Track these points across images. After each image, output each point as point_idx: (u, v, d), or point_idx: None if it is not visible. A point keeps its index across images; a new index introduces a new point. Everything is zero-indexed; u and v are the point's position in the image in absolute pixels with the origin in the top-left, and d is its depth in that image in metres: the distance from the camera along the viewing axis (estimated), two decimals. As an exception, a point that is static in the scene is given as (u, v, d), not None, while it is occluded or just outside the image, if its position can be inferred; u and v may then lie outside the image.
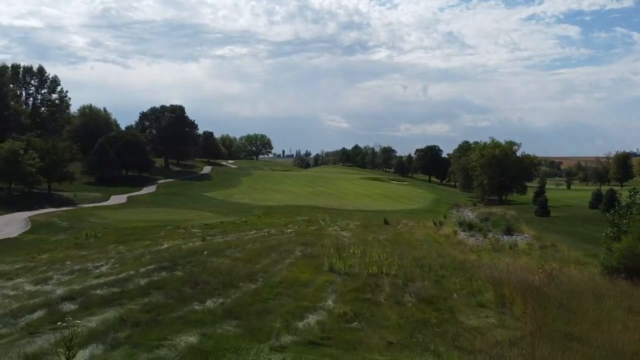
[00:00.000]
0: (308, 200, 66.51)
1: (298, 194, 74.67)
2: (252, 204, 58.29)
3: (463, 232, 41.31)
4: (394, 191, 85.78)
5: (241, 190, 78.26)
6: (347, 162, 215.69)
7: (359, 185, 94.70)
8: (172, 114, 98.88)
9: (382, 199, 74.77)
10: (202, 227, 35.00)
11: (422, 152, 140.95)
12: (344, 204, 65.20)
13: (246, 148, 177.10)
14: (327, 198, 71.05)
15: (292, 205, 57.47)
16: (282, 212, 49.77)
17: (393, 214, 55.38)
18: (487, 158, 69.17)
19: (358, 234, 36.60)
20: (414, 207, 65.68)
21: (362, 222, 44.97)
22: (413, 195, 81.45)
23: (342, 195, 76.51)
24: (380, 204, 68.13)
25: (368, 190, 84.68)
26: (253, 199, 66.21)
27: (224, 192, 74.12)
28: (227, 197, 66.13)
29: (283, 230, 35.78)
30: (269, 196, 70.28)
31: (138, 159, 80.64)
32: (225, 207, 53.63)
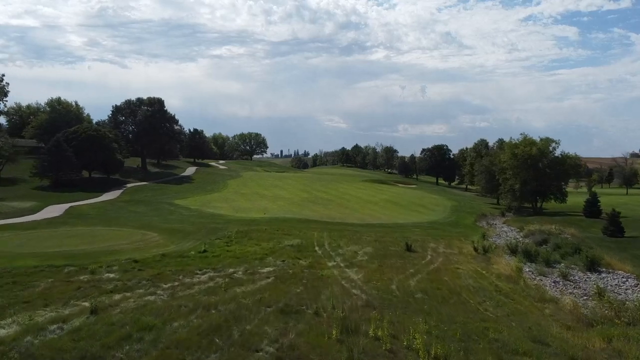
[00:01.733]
0: (302, 210, 53.15)
1: (291, 201, 61.28)
2: (229, 217, 44.85)
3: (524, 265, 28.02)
4: (404, 196, 72.44)
5: (223, 196, 64.82)
6: (347, 162, 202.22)
7: (362, 189, 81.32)
8: (149, 108, 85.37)
9: (391, 206, 61.41)
10: (124, 266, 21.63)
11: (429, 152, 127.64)
12: (347, 214, 51.86)
13: (239, 147, 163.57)
14: (325, 206, 57.68)
15: (281, 219, 44.05)
16: (265, 230, 36.39)
17: (411, 229, 42.05)
18: (522, 158, 55.80)
19: (373, 274, 23.28)
20: (432, 219, 52.35)
21: (375, 247, 31.60)
22: (426, 201, 68.11)
23: (344, 202, 63.14)
24: (391, 213, 54.79)
25: (373, 196, 71.32)
26: (234, 208, 52.80)
27: (202, 198, 60.67)
28: (202, 206, 52.72)
29: (257, 271, 22.43)
30: (255, 204, 56.87)
31: (104, 158, 67.20)
32: (192, 221, 40.22)
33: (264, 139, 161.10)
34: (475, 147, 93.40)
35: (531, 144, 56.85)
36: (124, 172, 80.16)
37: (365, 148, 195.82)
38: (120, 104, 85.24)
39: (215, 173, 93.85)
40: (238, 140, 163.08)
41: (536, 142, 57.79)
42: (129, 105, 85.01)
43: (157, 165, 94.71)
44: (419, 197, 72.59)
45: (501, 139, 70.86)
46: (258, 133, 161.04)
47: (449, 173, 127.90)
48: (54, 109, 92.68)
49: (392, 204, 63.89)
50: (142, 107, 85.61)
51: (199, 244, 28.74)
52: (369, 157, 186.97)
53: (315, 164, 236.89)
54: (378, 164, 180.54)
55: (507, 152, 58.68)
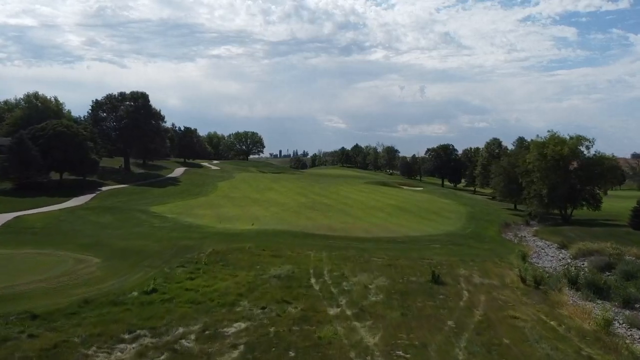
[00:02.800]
0: (298, 219, 45.19)
1: (286, 207, 53.31)
2: (209, 229, 36.84)
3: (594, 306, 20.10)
4: (411, 201, 64.43)
5: (210, 201, 56.82)
6: (347, 162, 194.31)
7: (365, 192, 73.33)
8: (132, 103, 77.28)
9: (399, 213, 53.42)
10: (11, 327, 13.68)
11: (435, 152, 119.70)
12: (350, 223, 43.90)
13: (235, 147, 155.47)
14: (325, 214, 49.69)
15: (271, 232, 36.05)
16: (249, 249, 28.44)
17: (429, 246, 34.13)
18: (552, 159, 47.83)
19: (396, 332, 15.36)
20: (449, 229, 44.41)
21: (390, 276, 23.66)
22: (438, 207, 60.11)
23: (345, 208, 55.15)
24: (400, 222, 46.81)
25: (378, 200, 63.33)
26: (219, 216, 44.83)
27: (184, 204, 52.67)
28: (181, 214, 44.75)
29: (220, 332, 14.53)
30: (245, 211, 48.90)
31: (76, 158, 59.09)
32: (160, 237, 32.24)
33: (260, 138, 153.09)
34: (487, 146, 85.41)
35: (561, 143, 48.83)
36: (103, 174, 72.16)
37: (366, 148, 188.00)
38: (101, 98, 77.21)
39: (206, 174, 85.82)
40: (234, 140, 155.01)
41: (566, 141, 49.80)
42: (110, 100, 76.93)
43: (143, 166, 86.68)
44: (429, 202, 64.58)
45: (521, 138, 63.20)
46: (254, 132, 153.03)
47: (455, 174, 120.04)
48: (31, 105, 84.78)
49: (400, 210, 55.90)
50: (125, 102, 77.51)
51: (150, 276, 20.76)
52: (369, 157, 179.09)
53: (315, 164, 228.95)
54: (379, 164, 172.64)
55: (533, 152, 50.67)
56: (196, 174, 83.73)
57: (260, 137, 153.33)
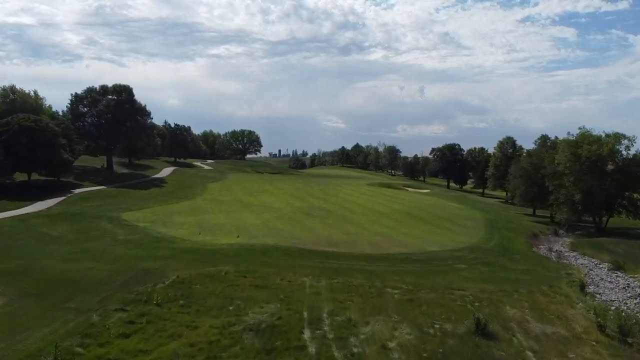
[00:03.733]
0: (293, 228, 38.32)
1: (280, 213, 46.46)
2: (182, 244, 29.97)
3: None
4: (421, 206, 57.50)
5: (195, 205, 49.95)
6: (347, 162, 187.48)
7: (368, 195, 66.41)
8: (115, 97, 70.32)
9: (409, 221, 46.55)
10: None
11: (440, 152, 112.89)
12: (354, 235, 37.02)
13: (231, 146, 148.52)
14: (324, 221, 42.80)
15: (258, 248, 29.15)
16: (225, 276, 21.59)
17: (453, 267, 27.33)
18: (587, 161, 41.00)
19: None
20: (470, 240, 37.56)
21: (414, 320, 16.85)
22: (451, 213, 53.22)
23: (348, 214, 48.28)
24: (413, 232, 39.92)
25: (384, 205, 56.43)
26: (200, 225, 37.95)
27: (164, 209, 45.81)
28: (156, 222, 37.90)
29: None
30: (231, 218, 42.03)
31: (45, 156, 52.19)
32: (117, 255, 25.41)
33: (257, 136, 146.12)
34: (500, 146, 78.39)
35: (597, 142, 41.97)
36: (82, 174, 65.36)
37: (367, 148, 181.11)
38: (82, 92, 70.23)
39: (196, 175, 78.89)
40: (230, 139, 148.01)
41: (601, 139, 42.96)
42: (90, 93, 69.93)
43: (128, 166, 79.78)
44: (440, 207, 57.66)
45: (545, 136, 56.38)
46: (251, 130, 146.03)
47: (461, 175, 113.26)
48: (7, 99, 77.90)
49: (410, 216, 49.01)
50: (107, 96, 70.54)
51: (70, 329, 13.88)
52: (370, 157, 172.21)
53: (314, 164, 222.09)
54: (380, 164, 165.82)
55: (564, 152, 43.79)
56: (185, 175, 76.80)
57: (257, 136, 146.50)
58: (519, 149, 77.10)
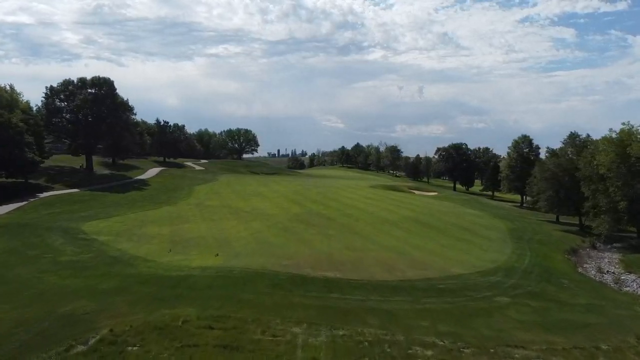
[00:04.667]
0: (287, 241, 31.63)
1: (273, 221, 39.76)
2: (142, 267, 23.22)
3: None
4: (432, 212, 50.76)
5: (174, 212, 43.25)
6: (347, 162, 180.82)
7: (372, 199, 59.65)
8: (94, 91, 63.56)
9: (421, 230, 39.83)
10: None
11: (446, 152, 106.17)
12: (359, 250, 30.33)
13: (227, 145, 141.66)
14: (324, 232, 36.08)
15: (237, 276, 22.39)
16: (182, 327, 14.89)
17: (492, 299, 20.67)
18: (638, 162, 34.28)
19: None
20: (500, 259, 30.89)
21: None
22: (468, 221, 46.50)
23: (351, 222, 41.56)
24: (430, 247, 33.22)
25: (391, 211, 49.69)
26: (173, 238, 31.24)
27: (136, 217, 39.09)
28: (120, 235, 31.19)
29: None
30: (214, 229, 35.33)
31: (7, 156, 45.50)
32: (43, 287, 18.76)
33: (254, 135, 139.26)
34: (515, 145, 71.41)
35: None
36: (56, 175, 58.62)
37: (368, 147, 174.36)
38: (57, 85, 63.37)
39: (185, 176, 72.09)
40: (225, 137, 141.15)
41: (649, 136, 36.27)
42: (67, 86, 63.09)
43: (112, 166, 72.99)
44: (454, 214, 50.93)
45: (574, 133, 49.60)
46: (248, 129, 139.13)
47: (468, 176, 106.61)
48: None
49: (422, 225, 42.29)
50: (89, 90, 63.71)
51: None
52: (371, 157, 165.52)
53: (313, 165, 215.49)
54: (382, 164, 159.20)
55: (607, 152, 37.02)
56: (172, 176, 70.00)
57: (254, 135, 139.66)
58: (536, 149, 70.37)
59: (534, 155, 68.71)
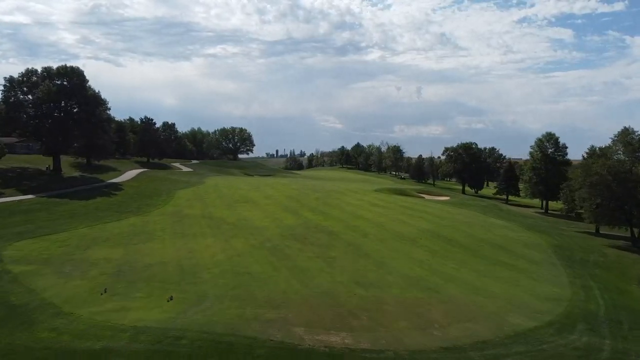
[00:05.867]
0: (273, 275, 23.32)
1: (260, 240, 31.42)
2: (41, 329, 14.83)
3: None
4: (454, 223, 42.36)
5: (140, 225, 34.82)
6: (347, 163, 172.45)
7: (380, 206, 51.21)
8: (61, 81, 55.09)
9: (448, 250, 31.49)
10: None
11: (454, 152, 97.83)
12: (374, 284, 22.06)
13: (221, 145, 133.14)
14: (324, 256, 27.74)
15: (187, 348, 13.96)
16: None
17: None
18: None
19: None
20: (564, 295, 22.64)
21: None
22: (500, 236, 38.08)
23: (358, 239, 33.20)
24: (463, 275, 24.94)
25: (404, 222, 41.29)
26: (120, 267, 22.89)
27: (86, 233, 30.69)
28: (51, 262, 22.82)
29: None
30: (181, 252, 26.96)
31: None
32: None
33: (249, 134, 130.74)
34: (539, 144, 62.81)
35: None
36: (15, 178, 50.16)
37: (369, 147, 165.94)
38: (18, 75, 54.87)
39: (167, 179, 63.59)
40: (219, 137, 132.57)
41: None
42: (29, 77, 54.58)
43: (86, 168, 64.45)
44: (481, 225, 42.54)
45: (628, 129, 41.31)
46: (243, 128, 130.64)
47: (478, 178, 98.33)
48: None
49: (446, 242, 33.93)
50: (56, 81, 55.19)
51: None
52: (373, 157, 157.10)
53: (312, 165, 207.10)
54: (384, 165, 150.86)
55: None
56: (152, 179, 61.51)
57: (249, 134, 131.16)
58: (563, 148, 62.00)
59: (561, 156, 60.59)
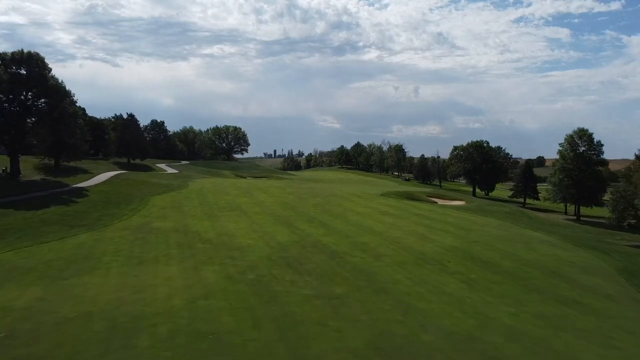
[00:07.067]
0: (254, 330, 15.36)
1: (241, 266, 23.56)
2: None
3: None
4: (485, 238, 34.46)
5: (84, 247, 26.91)
6: (347, 163, 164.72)
7: (389, 213, 43.30)
8: (16, 69, 47.12)
9: (487, 278, 23.70)
10: None
11: (464, 152, 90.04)
12: (404, 350, 14.16)
13: (214, 144, 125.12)
14: (324, 292, 19.91)
15: None
16: None
17: None
18: None
19: None
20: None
21: None
22: (546, 256, 30.23)
23: (370, 264, 25.38)
24: (526, 329, 17.15)
25: (422, 235, 33.43)
26: (38, 319, 14.90)
27: (5, 261, 22.69)
28: None
29: None
30: (128, 287, 19.00)
31: None
32: None
33: (244, 133, 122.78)
34: (569, 141, 54.82)
35: None
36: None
37: (370, 147, 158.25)
38: (-33, 62, 46.81)
39: (145, 183, 55.56)
40: (211, 136, 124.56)
41: None
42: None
43: (52, 170, 56.44)
44: (517, 240, 34.57)
45: None
46: (237, 127, 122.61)
47: (490, 180, 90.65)
48: None
49: (483, 267, 26.07)
50: (8, 68, 47.15)
51: None
52: (374, 157, 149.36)
53: (310, 166, 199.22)
54: (386, 165, 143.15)
55: None
56: (127, 183, 53.47)
57: (244, 133, 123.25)
58: (598, 146, 54.16)
59: (595, 155, 52.95)
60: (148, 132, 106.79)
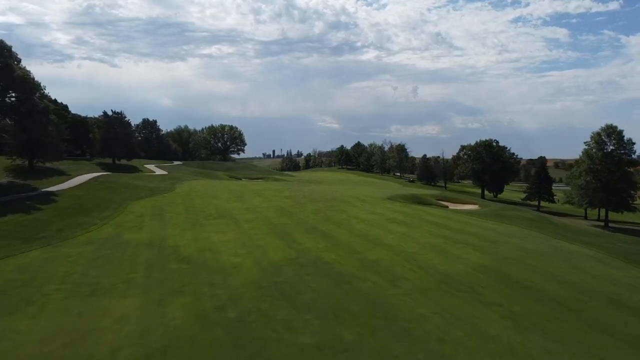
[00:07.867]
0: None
1: (221, 298, 18.25)
2: None
3: None
4: (517, 254, 29.23)
5: (32, 271, 21.52)
6: (347, 163, 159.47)
7: (399, 221, 37.97)
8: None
9: (534, 311, 18.54)
10: None
11: (473, 151, 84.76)
12: None
13: (209, 144, 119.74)
14: (328, 338, 14.62)
15: None
16: None
17: None
18: None
19: None
20: None
21: None
22: (595, 277, 25.07)
23: (384, 291, 20.17)
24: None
25: (442, 250, 28.20)
26: None
27: None
28: None
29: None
30: (63, 333, 13.57)
31: None
32: None
33: (240, 133, 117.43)
34: (596, 139, 49.62)
35: None
36: None
37: (371, 147, 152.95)
38: None
39: (127, 186, 50.18)
40: (207, 135, 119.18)
41: None
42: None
43: (24, 171, 51.06)
44: (558, 257, 29.29)
45: None
46: (233, 126, 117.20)
47: (499, 181, 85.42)
48: None
49: (526, 295, 20.84)
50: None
51: None
52: (375, 157, 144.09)
53: (309, 166, 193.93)
54: (388, 166, 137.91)
55: None
56: (106, 186, 48.07)
57: (241, 132, 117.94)
58: (629, 144, 48.91)
59: (626, 154, 47.80)
60: (139, 132, 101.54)
